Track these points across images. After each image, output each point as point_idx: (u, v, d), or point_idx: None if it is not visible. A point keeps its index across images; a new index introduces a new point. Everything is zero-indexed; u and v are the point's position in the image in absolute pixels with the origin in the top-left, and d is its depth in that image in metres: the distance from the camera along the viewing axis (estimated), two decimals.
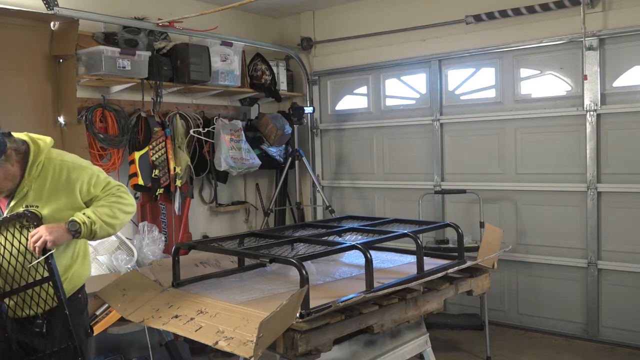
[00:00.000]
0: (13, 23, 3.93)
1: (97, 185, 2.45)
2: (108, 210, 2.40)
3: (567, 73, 4.69)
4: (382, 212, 5.64)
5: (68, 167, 2.41)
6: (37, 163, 2.34)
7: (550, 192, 4.80)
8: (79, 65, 4.24)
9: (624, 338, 4.51)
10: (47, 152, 2.39)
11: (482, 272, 3.09)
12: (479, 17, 4.87)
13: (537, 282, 4.92)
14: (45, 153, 2.38)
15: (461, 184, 5.13)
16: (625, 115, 4.44)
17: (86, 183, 2.42)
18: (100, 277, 3.61)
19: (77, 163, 2.46)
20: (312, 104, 6.02)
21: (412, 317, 2.70)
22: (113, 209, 2.41)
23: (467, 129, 5.18)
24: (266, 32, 6.05)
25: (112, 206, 2.42)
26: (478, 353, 4.49)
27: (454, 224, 3.18)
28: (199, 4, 5.15)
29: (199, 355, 4.35)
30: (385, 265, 3.08)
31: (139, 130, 4.67)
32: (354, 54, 5.73)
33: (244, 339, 2.09)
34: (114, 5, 4.61)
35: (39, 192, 2.35)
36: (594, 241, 4.59)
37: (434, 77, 5.32)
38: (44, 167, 2.36)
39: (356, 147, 5.89)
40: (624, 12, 4.34)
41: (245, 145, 5.40)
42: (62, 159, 2.43)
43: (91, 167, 2.51)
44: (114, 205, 2.43)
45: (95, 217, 2.35)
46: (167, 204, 4.96)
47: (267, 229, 5.25)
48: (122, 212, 2.45)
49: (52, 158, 2.40)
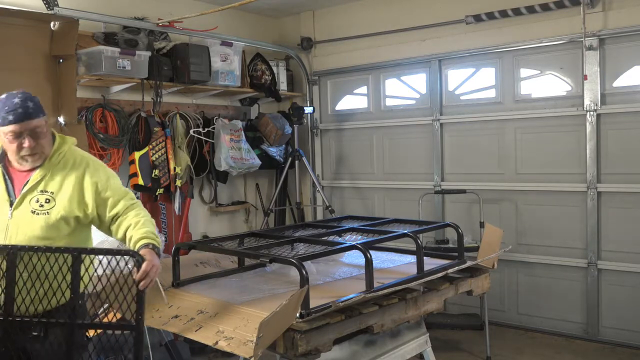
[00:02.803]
0: (13, 23, 3.92)
1: (114, 190, 2.45)
2: (152, 227, 2.43)
3: (567, 73, 4.69)
4: (382, 212, 5.64)
5: (88, 162, 2.44)
6: (59, 152, 2.39)
7: (550, 192, 4.80)
8: (79, 65, 4.24)
9: (624, 338, 4.51)
10: (70, 145, 2.45)
11: (482, 272, 3.09)
12: (479, 17, 4.87)
13: (537, 282, 4.92)
14: (69, 145, 2.44)
15: (461, 184, 5.13)
16: (625, 115, 4.44)
17: (103, 183, 2.43)
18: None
19: (98, 162, 2.52)
20: (312, 104, 6.02)
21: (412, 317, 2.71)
22: (151, 225, 2.44)
23: (467, 129, 5.18)
24: (266, 32, 6.05)
25: (151, 222, 2.46)
26: (478, 353, 4.49)
27: (454, 224, 3.18)
28: (199, 4, 5.15)
29: (199, 355, 4.35)
30: (385, 265, 3.08)
31: (139, 130, 4.66)
32: (354, 54, 5.73)
33: (244, 339, 2.10)
34: (114, 5, 4.61)
35: (56, 180, 2.36)
36: (594, 241, 4.59)
37: (434, 77, 5.32)
38: (65, 157, 2.40)
39: (356, 147, 5.89)
40: (624, 12, 4.34)
41: (245, 145, 5.40)
42: (83, 154, 2.49)
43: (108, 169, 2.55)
44: (150, 221, 2.46)
45: (154, 236, 2.38)
46: (167, 204, 4.96)
47: (267, 229, 5.25)
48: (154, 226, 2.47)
49: (74, 151, 2.46)
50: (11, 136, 2.27)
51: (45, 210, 2.30)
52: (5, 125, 2.26)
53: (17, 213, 2.29)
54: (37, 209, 2.30)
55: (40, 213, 2.30)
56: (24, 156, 2.31)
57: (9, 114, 2.25)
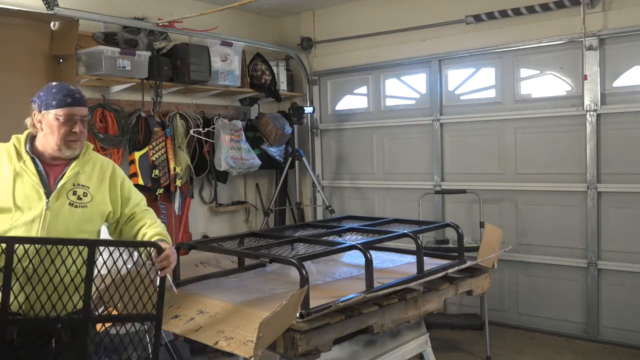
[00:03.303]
0: (13, 23, 3.93)
1: (135, 193, 2.55)
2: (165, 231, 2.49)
3: (567, 73, 4.69)
4: (382, 212, 5.64)
5: (113, 165, 2.52)
6: (88, 151, 2.42)
7: (550, 192, 4.80)
8: (79, 65, 4.24)
9: (624, 338, 4.51)
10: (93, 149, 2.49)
11: (482, 272, 3.09)
12: (479, 17, 4.87)
13: (537, 282, 4.92)
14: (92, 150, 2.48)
15: (461, 184, 5.13)
16: (625, 115, 4.44)
17: (127, 183, 2.53)
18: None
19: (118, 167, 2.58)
20: (312, 104, 6.02)
21: (412, 317, 2.70)
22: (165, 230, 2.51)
23: (467, 129, 5.18)
24: (266, 32, 6.05)
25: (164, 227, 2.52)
26: (478, 353, 4.49)
27: (454, 224, 3.18)
28: (199, 4, 5.15)
29: (199, 355, 4.35)
30: (385, 265, 3.07)
31: (139, 130, 4.67)
32: (354, 54, 5.73)
33: (244, 339, 2.10)
34: (114, 5, 4.61)
35: (89, 175, 2.38)
36: (594, 241, 4.59)
37: (434, 77, 5.32)
38: (93, 157, 2.44)
39: (356, 147, 5.89)
40: (624, 12, 4.34)
41: (245, 145, 5.40)
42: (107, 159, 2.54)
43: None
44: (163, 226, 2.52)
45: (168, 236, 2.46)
46: (167, 204, 4.96)
47: (267, 229, 5.25)
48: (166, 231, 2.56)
49: (99, 155, 2.51)
50: (64, 119, 2.26)
51: (84, 203, 2.33)
52: (63, 107, 2.27)
53: (56, 205, 2.27)
54: (75, 201, 2.31)
55: (79, 206, 2.31)
56: (71, 142, 2.30)
57: (67, 97, 2.28)
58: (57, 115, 2.27)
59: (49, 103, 2.28)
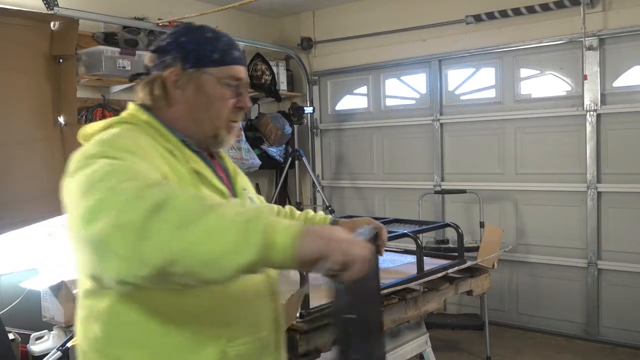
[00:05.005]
0: (13, 23, 3.92)
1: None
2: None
3: (567, 73, 4.69)
4: (382, 212, 5.64)
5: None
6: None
7: (550, 192, 4.80)
8: (79, 65, 4.24)
9: (624, 338, 4.51)
10: None
11: (482, 272, 3.09)
12: (479, 17, 4.87)
13: (537, 282, 4.92)
14: None
15: (461, 184, 5.13)
16: (625, 115, 4.44)
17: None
18: None
19: None
20: (312, 104, 6.02)
21: (412, 317, 2.70)
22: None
23: (467, 129, 5.18)
24: (266, 32, 6.05)
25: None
26: (478, 353, 4.49)
27: (454, 224, 3.17)
28: (199, 4, 5.15)
29: None
30: (385, 265, 3.07)
31: None
32: (354, 54, 5.73)
33: None
34: (114, 5, 4.61)
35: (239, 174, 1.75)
36: (594, 241, 4.59)
37: (434, 77, 5.32)
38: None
39: (356, 147, 5.89)
40: (624, 12, 4.34)
41: (245, 145, 5.39)
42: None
43: None
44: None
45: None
46: None
47: None
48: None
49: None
50: (235, 82, 1.44)
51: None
52: (232, 65, 1.44)
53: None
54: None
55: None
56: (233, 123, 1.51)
57: (233, 50, 1.45)
58: (221, 78, 1.42)
59: (206, 56, 1.41)
